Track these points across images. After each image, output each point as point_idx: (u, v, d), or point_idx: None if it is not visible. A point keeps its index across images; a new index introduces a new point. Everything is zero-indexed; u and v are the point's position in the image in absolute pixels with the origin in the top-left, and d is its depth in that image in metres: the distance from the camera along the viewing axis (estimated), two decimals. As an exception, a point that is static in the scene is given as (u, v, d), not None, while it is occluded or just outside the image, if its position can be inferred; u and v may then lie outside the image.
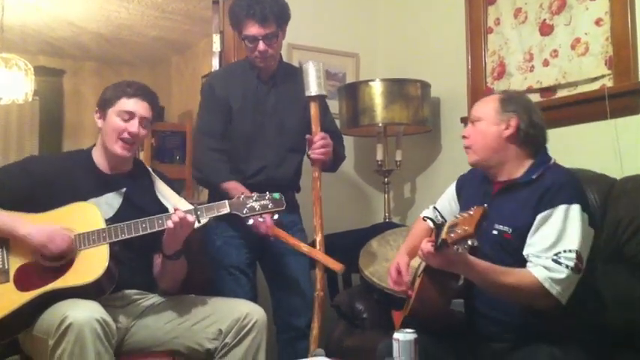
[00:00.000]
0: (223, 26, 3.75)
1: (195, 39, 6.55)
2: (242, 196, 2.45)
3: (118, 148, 2.49)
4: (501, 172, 2.22)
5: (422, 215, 2.59)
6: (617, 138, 2.79)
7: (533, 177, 2.14)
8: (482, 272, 2.00)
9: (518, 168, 2.20)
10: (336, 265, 2.76)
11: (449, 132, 3.76)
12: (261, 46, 2.81)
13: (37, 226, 2.29)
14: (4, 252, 2.31)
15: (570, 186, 2.10)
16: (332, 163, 2.95)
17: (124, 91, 2.51)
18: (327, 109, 3.10)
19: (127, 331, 2.40)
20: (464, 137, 2.30)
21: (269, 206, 2.44)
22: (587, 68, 2.97)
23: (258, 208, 2.42)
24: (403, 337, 1.92)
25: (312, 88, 2.77)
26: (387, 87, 3.56)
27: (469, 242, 1.81)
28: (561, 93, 3.10)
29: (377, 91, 3.56)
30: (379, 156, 3.73)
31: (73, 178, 2.48)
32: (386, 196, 3.79)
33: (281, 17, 2.84)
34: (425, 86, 3.64)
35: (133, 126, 2.49)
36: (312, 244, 2.84)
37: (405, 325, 2.14)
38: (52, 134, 7.20)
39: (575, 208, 2.03)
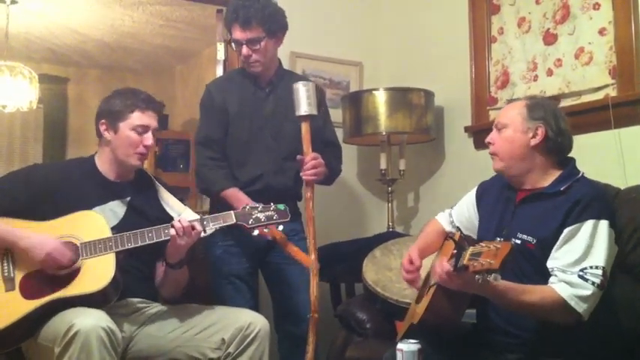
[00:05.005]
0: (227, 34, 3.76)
1: (200, 47, 6.56)
2: (247, 207, 2.46)
3: (135, 161, 2.51)
4: (526, 181, 2.20)
5: (437, 217, 2.55)
6: (620, 147, 2.79)
7: (561, 189, 2.11)
8: (502, 293, 1.97)
9: (544, 177, 2.17)
10: (307, 261, 2.65)
11: (452, 141, 3.76)
12: (244, 50, 2.82)
13: (38, 240, 2.28)
14: (10, 260, 2.31)
15: (599, 201, 2.07)
16: (326, 178, 2.89)
17: (136, 104, 2.50)
18: (328, 119, 3.08)
19: (131, 339, 2.40)
20: (489, 143, 2.26)
21: (274, 217, 2.45)
22: (591, 78, 2.97)
23: (263, 219, 2.44)
24: (407, 347, 1.91)
25: (303, 107, 2.69)
26: (390, 96, 3.57)
27: (492, 276, 1.77)
28: (565, 102, 3.10)
29: (380, 99, 3.56)
30: (383, 165, 3.73)
31: (78, 185, 2.48)
32: (389, 205, 3.79)
33: (268, 22, 2.80)
34: (428, 95, 3.65)
35: (148, 139, 2.50)
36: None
37: (409, 334, 2.13)
38: (56, 142, 7.20)
39: (604, 224, 2.01)
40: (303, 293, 2.83)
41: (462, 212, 2.46)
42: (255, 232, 2.46)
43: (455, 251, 1.96)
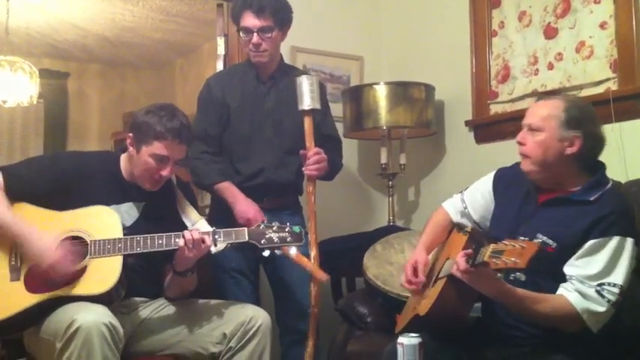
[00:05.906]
0: (227, 29, 3.75)
1: (200, 42, 6.56)
2: (262, 225, 2.40)
3: (147, 185, 2.45)
4: (555, 184, 2.14)
5: (444, 205, 2.48)
6: (621, 141, 2.79)
7: (591, 198, 2.04)
8: (517, 301, 1.97)
9: (572, 181, 2.11)
10: (321, 276, 2.66)
11: (453, 135, 3.76)
12: (255, 38, 2.82)
13: (47, 247, 2.21)
14: (19, 249, 2.27)
15: (627, 217, 2.04)
16: (327, 173, 2.90)
17: (163, 134, 2.36)
18: (328, 112, 3.08)
19: (133, 335, 2.39)
20: (520, 143, 2.15)
21: (287, 239, 2.39)
22: (592, 71, 2.97)
23: (276, 240, 2.38)
24: (408, 341, 1.91)
25: (306, 102, 2.71)
26: (391, 90, 3.56)
27: (516, 275, 1.75)
28: (566, 96, 3.10)
29: (381, 94, 3.56)
30: (383, 159, 3.73)
31: (96, 180, 2.44)
32: (390, 199, 3.79)
33: (279, 14, 2.83)
34: (429, 89, 3.64)
35: (166, 170, 2.41)
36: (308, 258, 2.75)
37: (413, 327, 2.12)
38: (57, 136, 7.19)
39: (630, 242, 1.98)
40: (305, 288, 2.84)
41: (476, 200, 2.38)
42: (266, 253, 2.40)
43: (472, 247, 1.94)
